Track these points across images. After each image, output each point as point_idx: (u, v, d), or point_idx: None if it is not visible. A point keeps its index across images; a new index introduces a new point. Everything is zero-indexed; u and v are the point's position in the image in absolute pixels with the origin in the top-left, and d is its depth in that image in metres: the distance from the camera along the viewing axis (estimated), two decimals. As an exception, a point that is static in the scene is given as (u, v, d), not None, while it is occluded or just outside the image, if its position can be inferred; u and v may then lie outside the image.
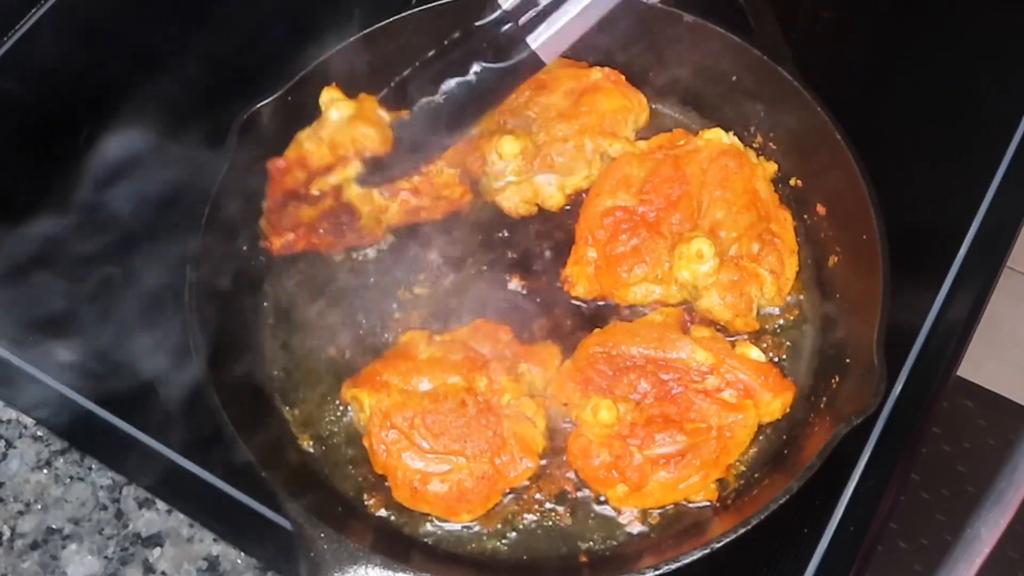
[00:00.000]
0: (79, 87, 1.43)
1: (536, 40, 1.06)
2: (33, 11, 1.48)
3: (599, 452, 1.07)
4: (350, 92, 1.28)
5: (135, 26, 1.48)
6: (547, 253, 1.24)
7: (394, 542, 1.06)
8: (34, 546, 1.10)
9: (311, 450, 1.13)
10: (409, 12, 1.27)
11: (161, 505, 1.11)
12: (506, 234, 1.25)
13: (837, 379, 1.09)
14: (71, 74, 1.44)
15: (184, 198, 1.31)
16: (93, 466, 1.14)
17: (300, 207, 1.18)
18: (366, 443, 1.09)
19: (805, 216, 1.23)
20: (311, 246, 1.19)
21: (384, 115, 1.21)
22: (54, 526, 1.11)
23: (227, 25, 1.49)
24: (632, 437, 1.06)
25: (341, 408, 1.15)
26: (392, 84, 1.13)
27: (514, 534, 1.08)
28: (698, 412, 1.07)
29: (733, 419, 1.07)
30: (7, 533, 1.10)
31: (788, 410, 1.10)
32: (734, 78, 1.26)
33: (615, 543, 1.07)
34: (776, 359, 1.16)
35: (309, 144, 1.19)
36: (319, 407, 1.15)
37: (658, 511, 1.08)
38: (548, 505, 1.09)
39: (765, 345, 1.16)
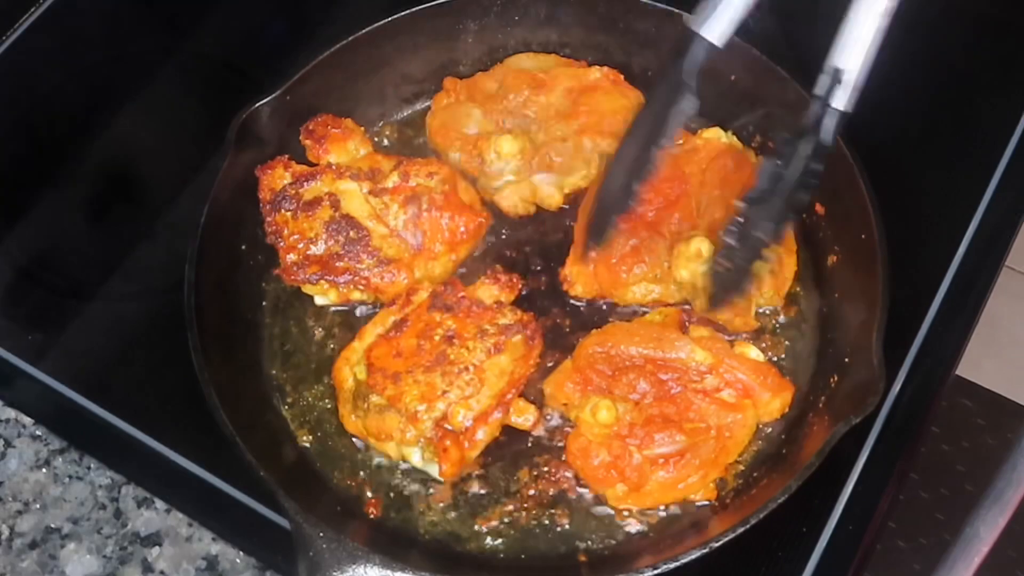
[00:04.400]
0: (78, 87, 1.43)
1: (844, 102, 0.96)
2: (32, 10, 1.48)
3: (598, 452, 1.07)
4: (348, 92, 1.29)
5: (134, 26, 1.48)
6: (546, 253, 1.24)
7: (393, 541, 1.06)
8: (33, 545, 1.10)
9: (309, 449, 1.13)
10: (407, 12, 1.27)
11: (160, 504, 1.11)
12: (505, 234, 1.25)
13: (836, 378, 1.09)
14: (70, 74, 1.44)
15: (183, 197, 1.32)
16: (92, 465, 1.14)
17: (297, 216, 1.18)
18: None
19: (804, 215, 1.23)
20: (332, 276, 1.17)
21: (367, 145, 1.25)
22: (53, 525, 1.11)
23: (227, 25, 1.49)
24: (631, 437, 1.06)
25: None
26: None
27: (513, 534, 1.08)
28: (697, 412, 1.07)
29: (732, 419, 1.07)
30: (6, 532, 1.10)
31: (787, 410, 1.10)
32: (733, 78, 1.26)
33: (614, 542, 1.07)
34: (775, 358, 1.16)
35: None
36: (318, 406, 1.15)
37: (657, 511, 1.08)
38: (547, 505, 1.09)
39: (764, 344, 1.16)
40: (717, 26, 0.95)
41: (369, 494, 1.10)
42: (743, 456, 1.10)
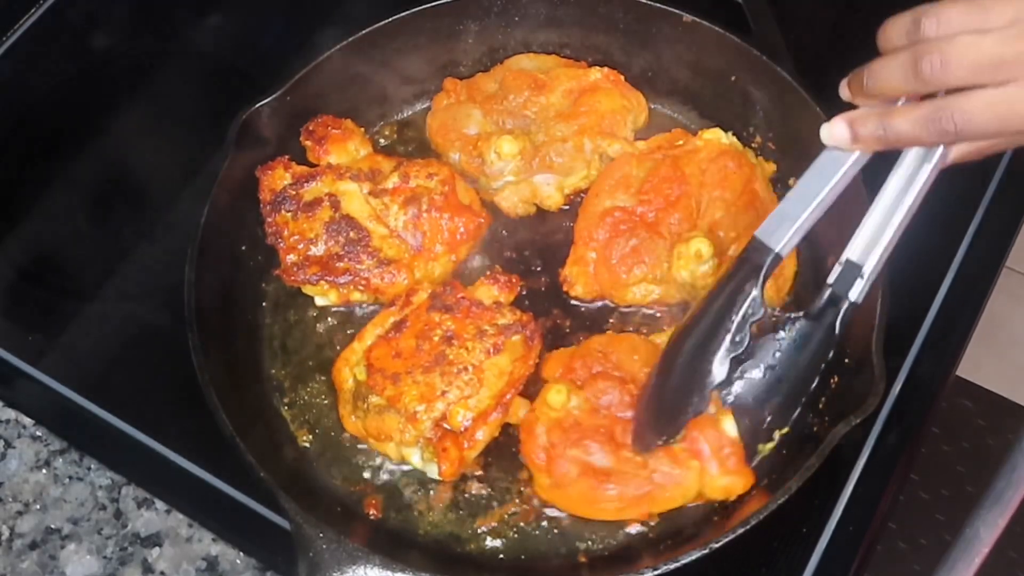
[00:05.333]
0: (79, 87, 1.43)
1: (857, 294, 0.97)
2: (33, 11, 1.48)
3: (540, 432, 1.06)
4: (348, 93, 1.29)
5: (134, 26, 1.48)
6: (546, 253, 1.24)
7: (393, 542, 1.06)
8: (33, 546, 1.10)
9: (309, 449, 1.13)
10: (408, 12, 1.27)
11: (160, 505, 1.11)
12: (505, 234, 1.25)
13: (836, 379, 1.09)
14: (71, 74, 1.44)
15: (183, 197, 1.32)
16: (92, 466, 1.14)
17: (297, 217, 1.18)
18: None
19: (803, 216, 1.23)
20: (332, 276, 1.17)
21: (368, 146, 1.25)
22: (53, 526, 1.11)
23: (227, 25, 1.49)
24: (572, 432, 1.05)
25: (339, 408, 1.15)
26: None
27: (513, 534, 1.08)
28: None
29: (670, 471, 1.03)
30: (6, 533, 1.10)
31: (738, 495, 1.05)
32: (733, 78, 1.27)
33: (614, 543, 1.07)
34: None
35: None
36: (318, 407, 1.15)
37: (656, 511, 1.08)
38: (547, 505, 1.09)
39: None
40: (790, 243, 0.97)
41: (369, 494, 1.10)
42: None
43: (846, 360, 1.09)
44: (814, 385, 1.03)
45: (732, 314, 0.97)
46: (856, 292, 0.96)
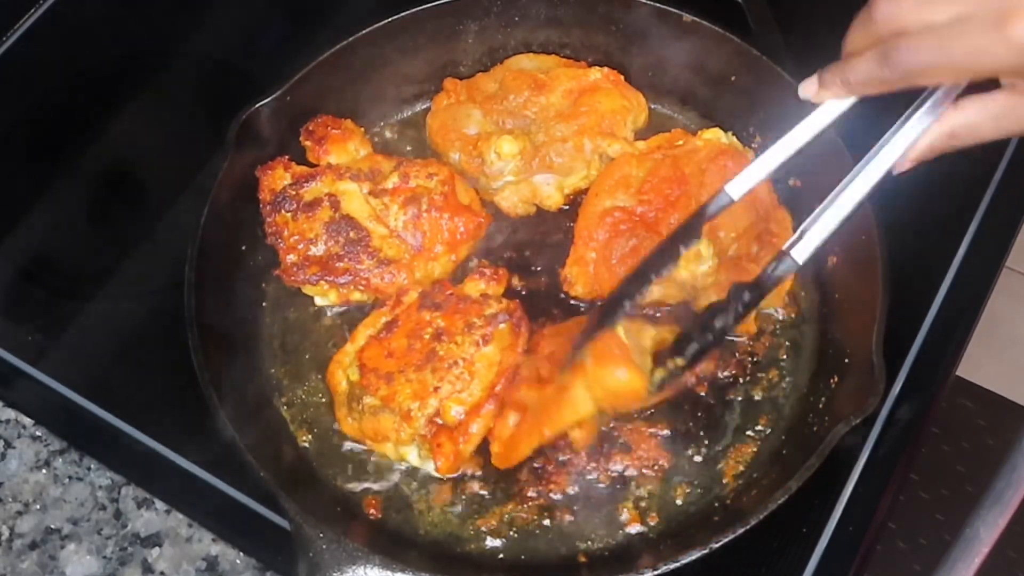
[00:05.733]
0: (78, 87, 1.43)
1: (801, 255, 0.97)
2: (33, 11, 1.48)
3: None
4: (348, 93, 1.29)
5: (134, 26, 1.49)
6: (546, 253, 1.24)
7: (393, 542, 1.06)
8: (33, 546, 1.10)
9: (309, 449, 1.13)
10: (407, 12, 1.27)
11: (160, 505, 1.11)
12: (505, 234, 1.25)
13: (836, 379, 1.09)
14: (70, 74, 1.44)
15: (183, 197, 1.32)
16: (92, 466, 1.14)
17: (297, 217, 1.18)
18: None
19: (804, 216, 1.23)
20: (332, 276, 1.18)
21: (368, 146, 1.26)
22: (53, 526, 1.11)
23: (227, 25, 1.49)
24: (511, 390, 1.08)
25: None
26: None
27: (513, 534, 1.08)
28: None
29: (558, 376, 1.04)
30: (6, 533, 1.10)
31: (621, 400, 1.03)
32: (733, 78, 1.27)
33: (614, 543, 1.07)
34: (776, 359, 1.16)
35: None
36: (317, 406, 1.15)
37: (656, 511, 1.08)
38: (547, 505, 1.09)
39: (766, 345, 1.16)
40: (742, 185, 0.98)
41: (369, 494, 1.10)
42: (743, 456, 1.10)
43: (846, 360, 1.09)
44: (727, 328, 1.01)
45: (678, 243, 1.00)
46: (799, 252, 0.97)
